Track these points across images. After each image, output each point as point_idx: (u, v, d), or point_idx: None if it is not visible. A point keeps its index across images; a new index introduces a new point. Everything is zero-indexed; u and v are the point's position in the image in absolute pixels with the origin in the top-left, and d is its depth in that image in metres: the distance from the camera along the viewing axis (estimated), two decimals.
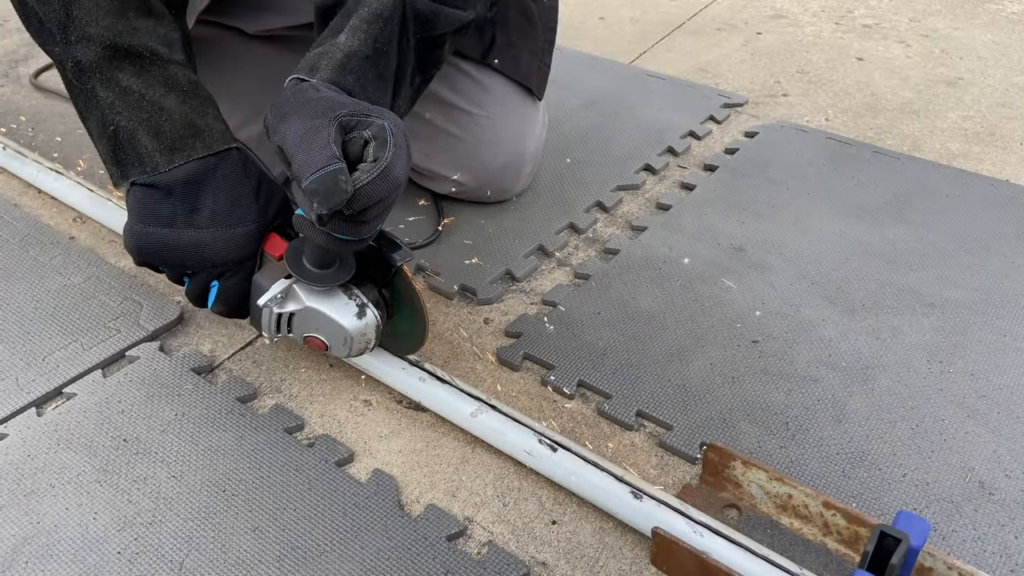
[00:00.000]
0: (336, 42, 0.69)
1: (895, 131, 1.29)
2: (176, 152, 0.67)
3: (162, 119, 0.67)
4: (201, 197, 0.69)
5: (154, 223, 0.68)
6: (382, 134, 0.61)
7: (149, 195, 0.68)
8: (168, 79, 0.68)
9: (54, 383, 0.80)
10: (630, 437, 0.78)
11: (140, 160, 0.68)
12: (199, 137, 0.68)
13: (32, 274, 0.94)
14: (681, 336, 0.87)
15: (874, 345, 0.85)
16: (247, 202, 0.70)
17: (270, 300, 0.71)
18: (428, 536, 0.67)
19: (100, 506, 0.68)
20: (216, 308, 0.73)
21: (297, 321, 0.72)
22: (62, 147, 1.22)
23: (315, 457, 0.73)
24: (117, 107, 0.67)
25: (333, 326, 0.71)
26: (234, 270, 0.71)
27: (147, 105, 0.67)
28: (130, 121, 0.67)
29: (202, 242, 0.69)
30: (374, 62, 0.70)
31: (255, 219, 0.70)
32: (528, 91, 1.04)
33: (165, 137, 0.67)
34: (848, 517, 0.65)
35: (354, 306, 0.71)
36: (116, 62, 0.67)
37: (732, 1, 1.80)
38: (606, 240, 1.04)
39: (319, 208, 0.59)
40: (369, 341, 0.74)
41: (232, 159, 0.70)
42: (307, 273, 0.70)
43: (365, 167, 0.60)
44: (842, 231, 1.03)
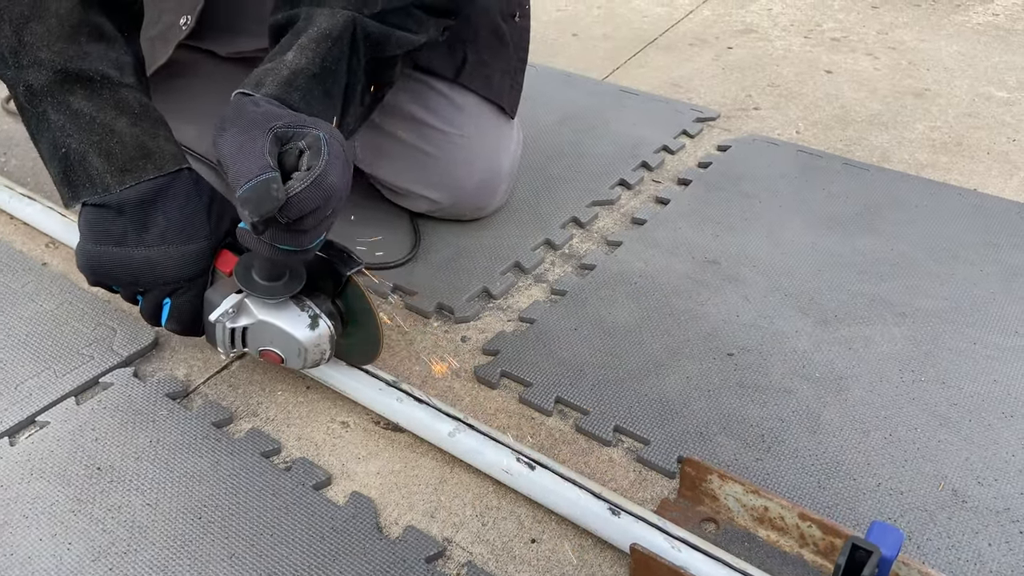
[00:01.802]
0: (284, 59, 0.70)
1: (864, 143, 1.31)
2: (127, 173, 0.68)
3: (113, 141, 0.68)
4: (152, 215, 0.69)
5: (106, 242, 0.69)
6: (316, 143, 0.62)
7: (100, 214, 0.69)
8: (119, 102, 0.69)
9: (27, 412, 0.79)
10: (608, 453, 0.78)
11: (91, 181, 0.69)
12: (150, 159, 0.69)
13: (3, 301, 0.93)
14: (657, 350, 0.88)
15: (847, 356, 0.87)
16: (198, 220, 0.71)
17: (222, 315, 0.71)
18: (407, 558, 0.67)
19: (74, 536, 0.67)
20: (169, 326, 0.74)
21: (251, 335, 0.73)
22: (35, 172, 1.21)
23: (292, 481, 0.73)
24: (68, 130, 0.68)
25: (286, 338, 0.71)
26: (186, 287, 0.72)
27: (98, 128, 0.68)
28: (81, 143, 0.68)
29: (153, 260, 0.69)
30: (321, 80, 0.70)
31: (206, 236, 0.71)
32: (500, 110, 1.04)
33: (116, 159, 0.68)
34: (824, 528, 0.65)
35: (306, 317, 0.72)
36: (67, 86, 0.68)
37: (703, 16, 1.82)
38: (582, 256, 1.05)
39: (251, 216, 0.59)
40: (324, 352, 0.74)
41: (183, 179, 0.71)
42: (256, 286, 0.70)
43: (299, 175, 0.61)
44: (814, 243, 1.04)
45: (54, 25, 0.67)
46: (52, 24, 0.67)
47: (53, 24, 0.67)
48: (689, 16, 1.82)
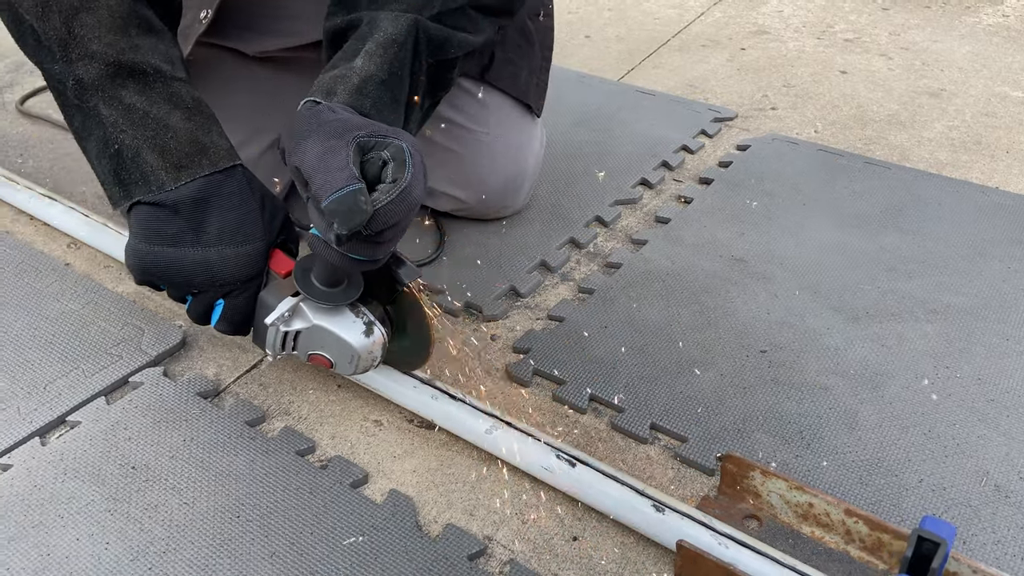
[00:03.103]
0: (352, 66, 0.69)
1: (883, 142, 1.31)
2: (182, 170, 0.66)
3: (167, 137, 0.66)
4: (208, 215, 0.68)
5: (159, 242, 0.67)
6: (400, 155, 0.61)
7: (154, 214, 0.67)
8: (172, 96, 0.67)
9: (57, 412, 0.78)
10: (645, 450, 0.78)
11: (145, 179, 0.67)
12: (205, 154, 0.67)
13: (28, 301, 0.92)
14: (690, 348, 0.87)
15: (880, 352, 0.86)
16: (253, 219, 0.69)
17: (277, 319, 0.70)
18: (449, 556, 0.66)
19: (112, 536, 0.67)
20: (220, 326, 0.72)
21: (303, 339, 0.72)
22: (52, 173, 1.20)
23: (329, 479, 0.72)
24: (121, 125, 0.66)
25: (340, 344, 0.71)
26: (241, 288, 0.70)
27: (152, 123, 0.66)
28: (134, 139, 0.66)
29: (210, 261, 0.68)
30: (389, 87, 0.70)
31: (261, 236, 0.70)
32: (526, 108, 1.04)
33: (171, 155, 0.66)
34: (871, 524, 0.65)
35: (361, 324, 0.71)
36: (119, 80, 0.66)
37: (714, 18, 1.82)
38: (607, 254, 1.04)
39: (339, 228, 0.58)
40: (375, 359, 0.73)
41: (238, 176, 0.69)
42: (316, 291, 0.69)
43: (384, 188, 0.60)
44: (840, 240, 1.04)
45: (105, 16, 0.65)
46: (103, 15, 0.65)
47: (104, 15, 0.65)
48: (700, 18, 1.83)
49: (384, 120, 0.68)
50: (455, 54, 0.76)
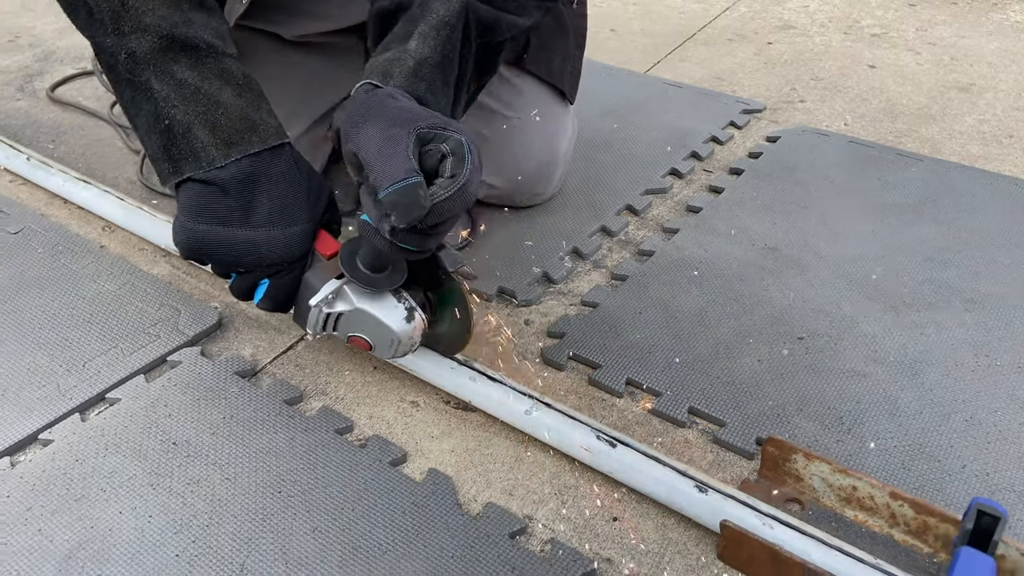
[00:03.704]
0: (407, 48, 0.69)
1: (914, 135, 1.30)
2: (232, 146, 0.66)
3: (218, 112, 0.66)
4: (256, 195, 0.67)
5: (208, 220, 0.67)
6: (460, 150, 0.61)
7: (204, 192, 0.67)
8: (224, 72, 0.67)
9: (96, 388, 0.78)
10: (683, 434, 0.77)
11: (195, 155, 0.66)
12: (255, 131, 0.67)
13: (65, 281, 0.93)
14: (726, 334, 0.87)
15: (919, 340, 0.86)
16: (300, 200, 0.69)
17: (321, 300, 0.70)
18: (490, 534, 0.66)
19: (154, 509, 0.67)
20: (263, 304, 0.72)
21: (344, 321, 0.72)
22: (85, 158, 1.21)
23: (369, 457, 0.72)
24: (172, 100, 0.66)
25: (382, 328, 0.71)
26: (287, 269, 0.70)
27: (203, 98, 0.66)
28: (186, 114, 0.66)
29: (257, 241, 0.68)
30: (441, 69, 0.69)
31: (308, 218, 0.70)
32: (560, 95, 1.04)
33: (221, 131, 0.66)
34: (916, 507, 0.64)
35: (403, 309, 0.71)
36: (171, 54, 0.65)
37: (739, 13, 1.82)
38: (639, 242, 1.04)
39: (397, 221, 0.58)
40: (414, 344, 0.73)
41: (286, 155, 0.69)
42: (361, 275, 0.69)
43: (443, 183, 0.60)
44: (874, 230, 1.03)
45: None
46: None
47: None
48: (726, 12, 1.82)
49: (437, 103, 0.68)
50: (503, 36, 0.76)
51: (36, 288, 0.91)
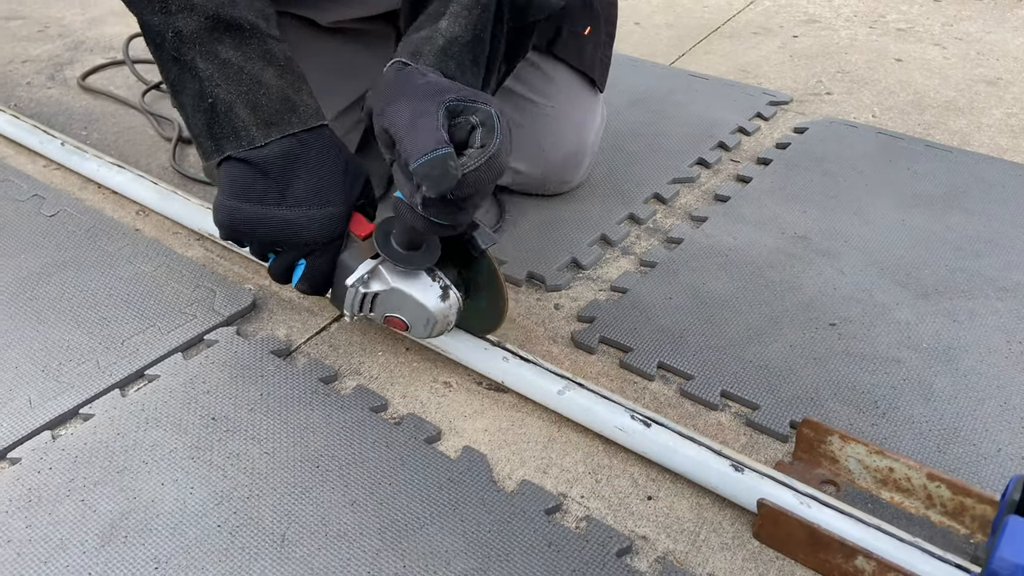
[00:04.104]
0: (438, 27, 0.69)
1: (942, 127, 1.30)
2: (272, 126, 0.67)
3: (260, 92, 0.67)
4: (294, 176, 0.68)
5: (247, 199, 0.68)
6: (489, 120, 0.61)
7: (243, 171, 0.68)
8: (266, 53, 0.68)
9: (135, 365, 0.79)
10: (716, 417, 0.78)
11: (236, 134, 0.67)
12: (294, 112, 0.68)
13: (102, 263, 0.94)
14: (757, 319, 0.87)
15: (952, 327, 0.85)
16: (337, 182, 0.70)
17: (357, 280, 0.71)
18: (526, 510, 0.66)
19: (196, 482, 0.68)
20: (300, 286, 0.73)
21: (380, 301, 0.72)
22: (117, 145, 1.23)
23: (404, 435, 0.73)
24: (216, 79, 0.67)
25: (417, 307, 0.71)
26: (323, 250, 0.71)
27: (246, 78, 0.67)
28: (228, 94, 0.67)
29: (293, 221, 0.69)
30: (471, 48, 0.70)
31: (344, 200, 0.70)
32: (590, 83, 1.04)
33: (262, 111, 0.67)
34: (954, 488, 0.64)
35: (438, 288, 0.71)
36: (216, 34, 0.66)
37: (764, 7, 1.81)
38: (668, 230, 1.04)
39: (428, 191, 0.59)
40: (450, 323, 0.74)
41: (324, 136, 0.70)
42: (395, 254, 0.69)
43: (473, 153, 0.60)
44: (904, 220, 1.03)
45: None
46: None
47: None
48: (750, 6, 1.82)
49: (465, 82, 0.68)
50: (535, 18, 0.76)
51: (73, 269, 0.93)
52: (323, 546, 0.63)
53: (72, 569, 0.61)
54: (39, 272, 0.92)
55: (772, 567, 0.64)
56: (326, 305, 0.90)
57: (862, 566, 0.60)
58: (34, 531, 0.64)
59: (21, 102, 1.34)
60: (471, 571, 0.61)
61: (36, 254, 0.95)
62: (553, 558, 0.63)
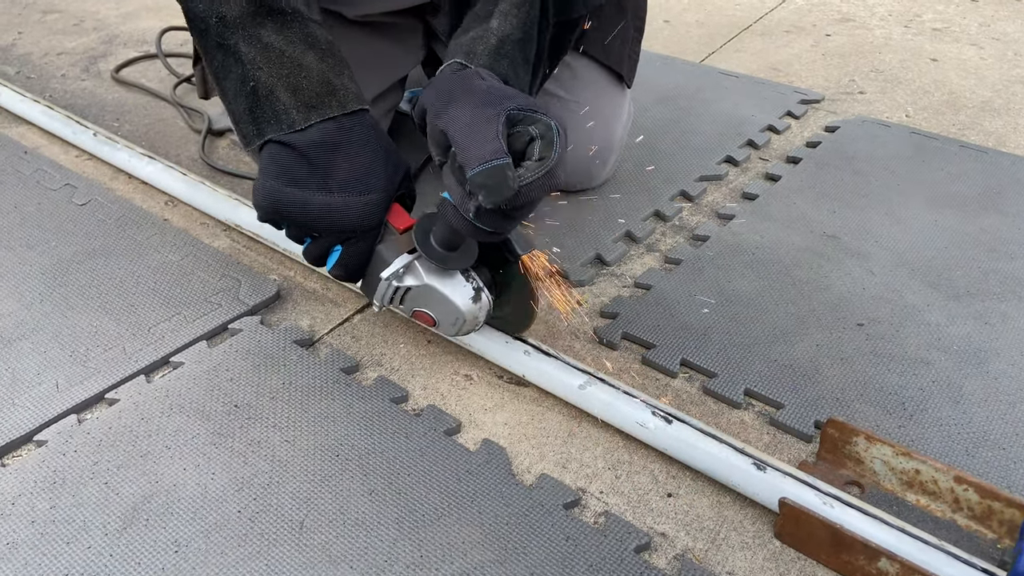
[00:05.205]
0: (489, 27, 0.69)
1: (978, 128, 1.27)
2: (313, 110, 0.67)
3: (301, 76, 0.67)
4: (335, 161, 0.68)
5: (287, 182, 0.68)
6: (549, 133, 0.61)
7: (284, 154, 0.68)
8: (308, 36, 0.68)
9: (161, 352, 0.80)
10: (739, 415, 0.77)
11: (277, 117, 0.67)
12: (335, 95, 0.68)
13: (131, 251, 0.95)
14: (783, 318, 0.86)
15: (984, 330, 0.84)
16: (377, 169, 0.70)
17: (392, 274, 0.71)
18: (544, 504, 0.66)
19: (217, 467, 0.68)
20: (335, 271, 0.73)
21: (411, 296, 0.72)
22: (148, 137, 1.24)
23: (423, 426, 0.73)
24: (258, 63, 0.67)
25: (448, 306, 0.71)
26: (360, 237, 0.71)
27: (287, 62, 0.67)
28: (270, 77, 0.67)
29: (333, 206, 0.68)
30: (522, 46, 0.70)
31: (383, 187, 0.70)
32: (617, 79, 1.04)
33: (303, 94, 0.67)
34: (981, 492, 0.63)
35: (471, 288, 0.71)
36: (259, 18, 0.67)
37: (796, 5, 1.79)
38: (694, 227, 1.03)
39: (485, 201, 0.58)
40: (478, 323, 0.74)
41: (365, 121, 0.70)
42: (433, 252, 0.69)
43: (531, 166, 0.60)
44: (936, 220, 1.01)
45: None
46: None
47: None
48: (782, 5, 1.80)
49: (518, 81, 0.68)
50: (579, 13, 0.76)
51: (102, 257, 0.94)
52: (341, 534, 0.63)
53: (94, 550, 0.62)
54: (69, 259, 0.93)
55: (793, 567, 0.63)
56: (349, 296, 0.91)
57: (885, 568, 0.59)
58: (58, 512, 0.65)
59: (55, 94, 1.36)
60: (488, 563, 0.61)
61: (67, 242, 0.96)
62: (570, 552, 0.62)
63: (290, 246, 0.93)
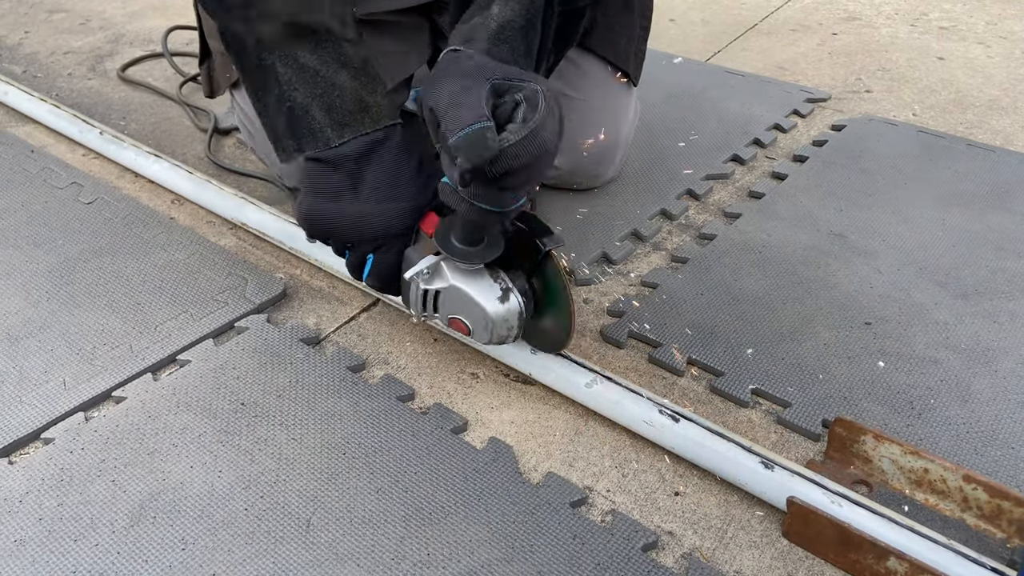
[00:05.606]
0: (490, 13, 0.69)
1: (985, 126, 1.27)
2: (346, 127, 0.68)
3: (334, 95, 0.68)
4: (365, 171, 0.69)
5: (323, 197, 0.69)
6: (534, 97, 0.60)
7: (320, 169, 0.69)
8: (341, 56, 0.69)
9: (168, 350, 0.80)
10: (746, 414, 0.76)
11: (313, 135, 0.68)
12: (367, 113, 0.69)
13: (137, 250, 0.95)
14: (790, 317, 0.85)
15: (992, 329, 0.83)
16: (408, 178, 0.70)
17: (417, 274, 0.70)
18: (551, 502, 0.66)
19: (224, 465, 0.68)
20: (370, 281, 0.74)
21: (442, 300, 0.72)
22: (154, 135, 1.24)
23: (430, 424, 0.73)
24: (294, 83, 0.68)
25: (475, 308, 0.70)
26: (389, 244, 0.72)
27: (321, 81, 0.68)
28: (305, 97, 0.68)
29: (364, 215, 0.69)
30: (524, 33, 0.69)
31: (414, 196, 0.70)
32: (624, 76, 1.03)
33: (336, 112, 0.68)
34: (991, 491, 0.62)
35: (498, 289, 0.70)
36: (295, 39, 0.67)
37: (803, 4, 1.79)
38: (700, 226, 1.03)
39: (463, 163, 0.58)
40: (512, 328, 0.71)
41: (397, 134, 0.70)
42: (452, 248, 0.68)
43: (513, 127, 0.59)
44: (943, 219, 1.01)
45: None
46: None
47: None
48: (788, 3, 1.79)
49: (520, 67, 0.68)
50: (585, 2, 0.75)
51: (109, 255, 0.94)
52: (348, 531, 0.63)
53: (101, 547, 0.62)
54: (76, 258, 0.94)
55: (801, 566, 0.63)
56: (355, 295, 0.91)
57: (894, 567, 0.58)
58: (65, 510, 0.65)
59: (62, 92, 1.37)
60: (495, 561, 0.61)
61: (73, 240, 0.96)
62: (577, 551, 0.62)
63: (297, 245, 0.94)
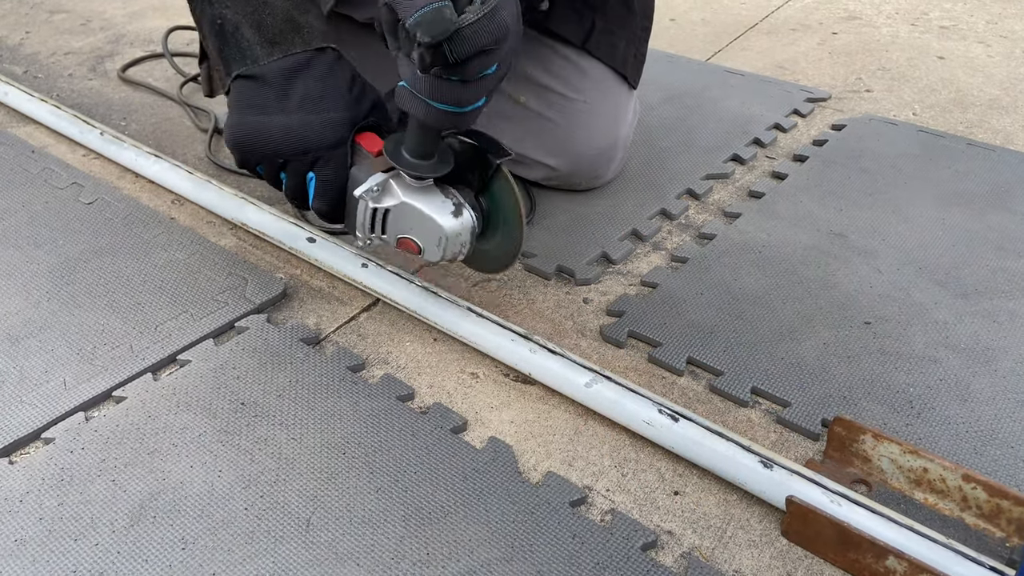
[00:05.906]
0: None
1: (985, 126, 1.27)
2: (276, 46, 0.68)
3: (265, 13, 0.68)
4: (293, 84, 0.69)
5: (249, 111, 0.70)
6: None
7: (247, 86, 0.70)
8: None
9: (168, 350, 0.80)
10: (745, 413, 0.76)
11: (242, 53, 0.69)
12: (299, 33, 0.69)
13: (137, 250, 0.95)
14: (790, 317, 0.85)
15: (992, 328, 0.83)
16: (338, 92, 0.70)
17: (366, 192, 0.70)
18: (551, 502, 0.66)
19: (224, 465, 0.68)
20: (316, 204, 0.73)
21: (392, 219, 0.71)
22: (155, 136, 1.25)
23: (430, 424, 0.73)
24: (226, 1, 0.69)
25: (428, 224, 0.70)
26: (326, 157, 0.71)
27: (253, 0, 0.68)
28: (235, 14, 0.69)
29: (292, 126, 0.69)
30: None
31: (345, 108, 0.70)
32: (623, 79, 1.03)
33: (266, 30, 0.68)
34: (990, 490, 0.62)
35: (450, 204, 0.70)
36: None
37: (803, 3, 1.79)
38: (700, 226, 1.03)
39: (422, 36, 0.54)
40: (464, 244, 0.72)
41: (328, 56, 0.70)
42: (405, 161, 0.68)
43: (472, 8, 0.56)
44: (943, 219, 1.01)
45: None
46: None
47: None
48: (789, 3, 1.79)
49: None
50: None
51: (109, 255, 0.94)
52: (348, 531, 0.63)
53: (101, 547, 0.62)
54: (76, 258, 0.94)
55: (800, 566, 0.63)
56: (355, 295, 0.91)
57: (893, 567, 0.58)
58: (65, 509, 0.65)
59: (63, 93, 1.37)
60: (494, 560, 0.61)
61: (73, 240, 0.97)
62: (577, 550, 0.62)
63: (297, 245, 0.94)
